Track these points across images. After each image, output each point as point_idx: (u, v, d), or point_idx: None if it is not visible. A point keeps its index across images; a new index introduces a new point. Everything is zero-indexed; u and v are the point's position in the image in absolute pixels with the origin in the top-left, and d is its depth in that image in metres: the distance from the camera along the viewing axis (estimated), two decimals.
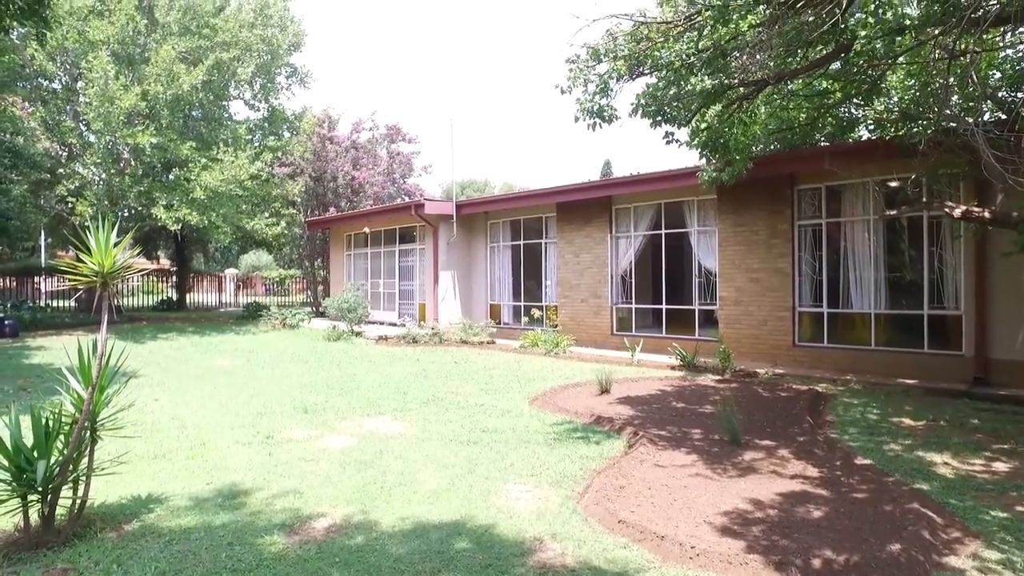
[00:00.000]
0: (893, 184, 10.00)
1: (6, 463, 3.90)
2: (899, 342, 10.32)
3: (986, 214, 7.31)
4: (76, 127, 18.20)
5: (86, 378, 4.17)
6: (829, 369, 10.52)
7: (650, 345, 12.86)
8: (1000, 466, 5.54)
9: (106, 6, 17.23)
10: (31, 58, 17.01)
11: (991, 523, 4.28)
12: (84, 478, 4.18)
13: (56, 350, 13.36)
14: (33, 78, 18.00)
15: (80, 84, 17.91)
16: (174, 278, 28.32)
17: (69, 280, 4.04)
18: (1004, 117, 8.12)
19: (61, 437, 4.13)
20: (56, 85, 18.91)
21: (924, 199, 9.48)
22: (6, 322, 16.09)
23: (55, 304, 22.83)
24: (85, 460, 4.20)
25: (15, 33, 13.38)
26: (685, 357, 11.30)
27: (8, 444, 3.93)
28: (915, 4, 5.54)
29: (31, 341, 15.30)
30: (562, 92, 6.41)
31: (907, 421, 7.25)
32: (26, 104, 17.71)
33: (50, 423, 4.05)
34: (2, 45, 10.91)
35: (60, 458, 4.05)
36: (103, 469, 4.59)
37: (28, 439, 4.18)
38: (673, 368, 11.28)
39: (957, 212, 7.49)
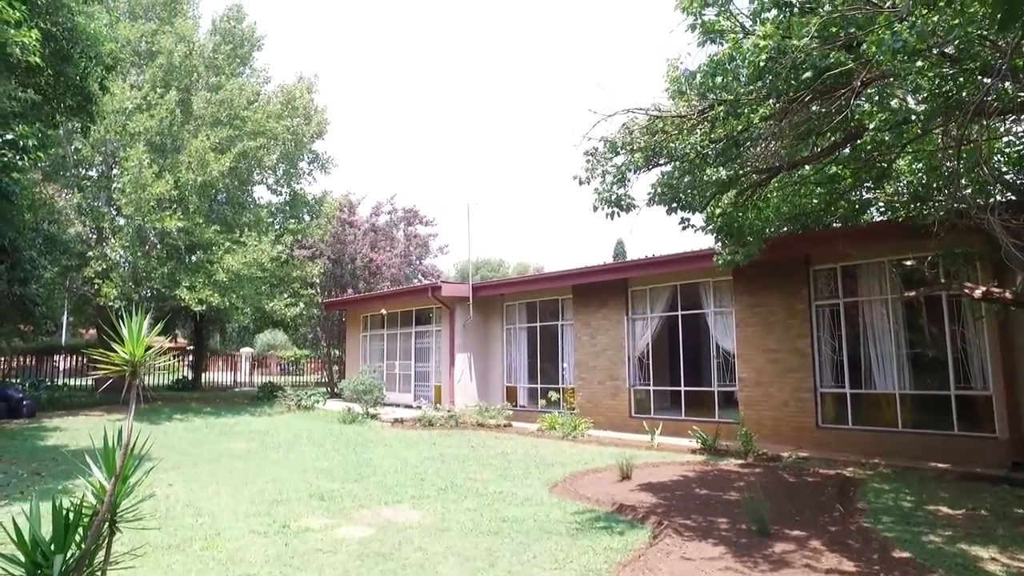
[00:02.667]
0: (909, 263, 10.03)
1: (22, 558, 3.83)
2: (927, 423, 10.04)
3: (1007, 295, 7.28)
4: (108, 211, 18.89)
5: (109, 468, 4.15)
6: (855, 452, 10.20)
7: (669, 428, 12.60)
8: None
9: (149, 102, 18.23)
10: (74, 150, 17.91)
11: None
12: (99, 573, 4.08)
13: (71, 431, 13.34)
14: (73, 167, 18.86)
15: (115, 171, 18.73)
16: (190, 357, 28.47)
17: (100, 368, 4.11)
18: (1014, 199, 8.24)
19: (80, 529, 4.06)
20: (93, 172, 19.78)
21: (942, 280, 9.47)
22: (24, 402, 16.15)
23: (72, 383, 22.95)
24: (102, 553, 4.12)
25: (62, 128, 14.17)
26: (706, 440, 11.05)
27: (26, 537, 3.87)
28: (919, 99, 5.75)
29: (47, 421, 15.28)
30: (580, 183, 6.64)
31: (944, 509, 6.96)
32: (65, 191, 18.48)
33: (70, 515, 4.00)
34: (52, 140, 11.61)
35: (77, 552, 3.97)
36: (118, 563, 4.49)
37: (45, 529, 4.12)
38: (694, 452, 11.01)
39: (977, 293, 7.47)
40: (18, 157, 8.14)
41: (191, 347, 28.79)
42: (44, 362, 24.12)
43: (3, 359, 22.52)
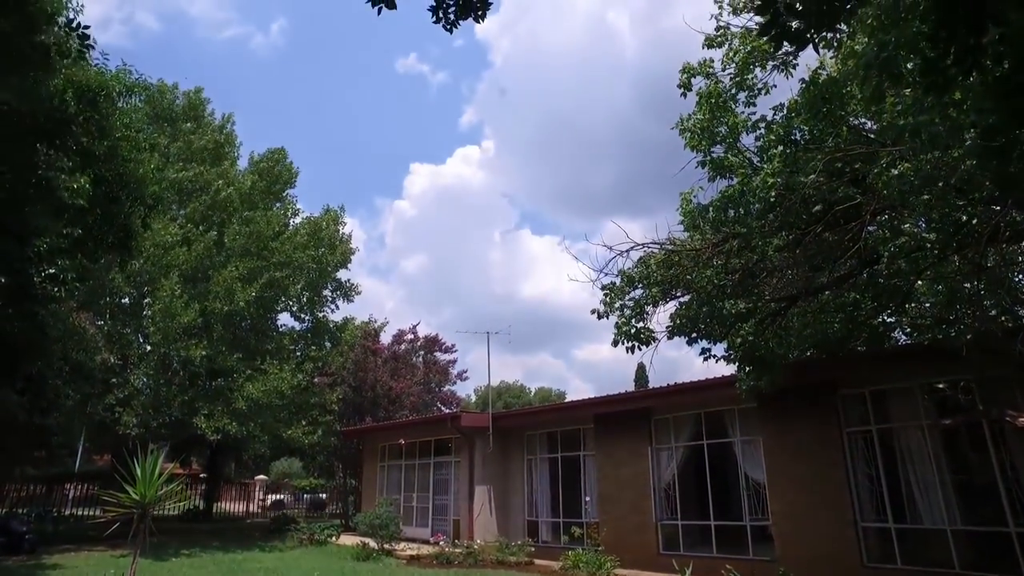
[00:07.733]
0: (940, 385, 9.68)
1: None
2: (988, 565, 9.10)
3: None
4: (136, 339, 19.22)
5: None
6: None
7: (701, 566, 11.70)
8: None
9: (188, 238, 19.09)
10: (111, 280, 18.61)
11: None
12: None
13: (70, 569, 12.74)
14: (107, 295, 19.45)
15: (147, 300, 19.27)
16: (203, 486, 27.68)
17: (109, 510, 4.01)
18: None
19: None
20: (126, 300, 20.35)
21: (980, 407, 9.09)
22: (26, 536, 15.46)
23: (81, 512, 22.21)
24: None
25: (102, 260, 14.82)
26: None
27: None
28: (930, 227, 5.85)
29: (47, 558, 14.63)
30: (599, 317, 6.72)
31: None
32: (97, 318, 18.97)
33: None
34: (91, 273, 12.16)
35: None
36: None
37: None
38: None
39: (1020, 422, 7.17)
40: (57, 290, 8.49)
41: (204, 475, 28.13)
42: (55, 490, 23.52)
43: (12, 488, 22.00)
